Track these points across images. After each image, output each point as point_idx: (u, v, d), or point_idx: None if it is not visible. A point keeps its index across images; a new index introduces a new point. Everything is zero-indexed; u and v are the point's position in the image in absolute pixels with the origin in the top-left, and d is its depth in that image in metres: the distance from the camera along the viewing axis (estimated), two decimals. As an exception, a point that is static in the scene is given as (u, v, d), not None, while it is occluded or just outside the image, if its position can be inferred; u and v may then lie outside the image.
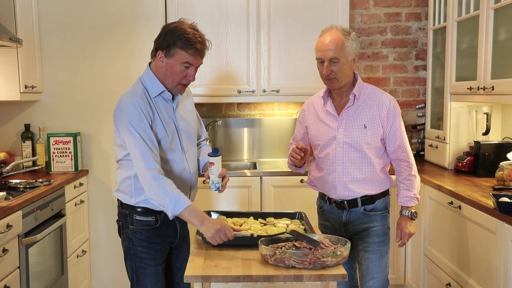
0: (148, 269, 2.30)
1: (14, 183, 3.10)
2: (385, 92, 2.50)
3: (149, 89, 2.25)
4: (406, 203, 2.48)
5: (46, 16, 3.52)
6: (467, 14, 3.24)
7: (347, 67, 2.36)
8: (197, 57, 2.20)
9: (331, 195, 2.48)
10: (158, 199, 2.11)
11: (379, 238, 2.47)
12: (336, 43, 2.32)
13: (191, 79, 2.24)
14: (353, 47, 2.36)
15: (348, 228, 2.49)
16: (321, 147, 2.48)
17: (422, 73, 4.19)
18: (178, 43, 2.14)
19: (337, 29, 2.36)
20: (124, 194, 2.32)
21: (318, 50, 2.37)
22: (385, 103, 2.42)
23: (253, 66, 3.78)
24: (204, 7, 3.73)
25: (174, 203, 2.08)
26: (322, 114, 2.49)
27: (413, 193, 2.47)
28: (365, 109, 2.42)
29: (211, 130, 4.14)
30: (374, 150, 2.42)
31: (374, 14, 4.15)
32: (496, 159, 3.16)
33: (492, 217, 2.44)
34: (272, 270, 1.84)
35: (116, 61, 3.57)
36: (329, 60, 2.32)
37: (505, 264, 2.35)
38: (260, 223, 2.34)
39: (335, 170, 2.44)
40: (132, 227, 2.31)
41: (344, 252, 1.91)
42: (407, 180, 2.47)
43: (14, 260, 2.57)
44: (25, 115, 3.59)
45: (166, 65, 2.20)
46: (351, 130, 2.41)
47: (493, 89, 2.89)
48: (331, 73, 2.34)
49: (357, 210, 2.46)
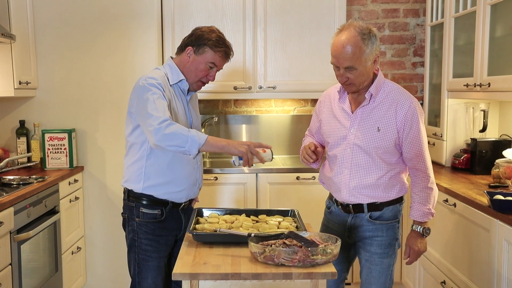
0: (150, 262, 2.37)
1: (8, 179, 3.09)
2: (407, 92, 2.24)
3: (169, 76, 2.37)
4: (419, 218, 2.26)
5: (41, 11, 3.50)
6: (464, 10, 3.21)
7: (365, 73, 2.14)
8: (223, 60, 2.37)
9: (337, 197, 2.34)
10: (178, 138, 2.08)
11: (382, 250, 2.29)
12: (353, 51, 2.08)
13: (211, 79, 2.41)
14: (373, 49, 2.12)
15: (351, 234, 2.33)
16: (331, 145, 2.32)
17: (420, 69, 4.16)
18: (209, 43, 2.31)
19: (354, 30, 2.09)
20: (132, 181, 2.37)
21: (332, 55, 2.15)
22: (404, 105, 2.17)
23: (250, 62, 3.76)
24: (200, 3, 3.70)
25: (197, 134, 2.10)
26: (337, 109, 2.31)
27: (427, 207, 2.24)
28: (382, 110, 2.20)
29: (208, 126, 4.13)
30: (386, 155, 2.21)
31: (372, 10, 4.12)
32: (492, 157, 3.15)
33: (486, 214, 2.42)
34: (261, 268, 1.82)
35: (111, 57, 3.55)
36: (345, 68, 2.13)
37: (499, 262, 2.33)
38: (252, 220, 2.32)
39: (342, 173, 2.27)
40: (138, 220, 2.37)
41: (334, 250, 1.89)
42: (422, 192, 2.24)
43: (5, 257, 2.56)
44: (20, 111, 3.58)
45: (193, 61, 2.34)
46: (363, 132, 2.21)
47: (489, 85, 2.87)
48: (347, 80, 2.16)
49: (362, 216, 2.28)
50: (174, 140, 2.08)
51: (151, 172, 2.34)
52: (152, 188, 2.35)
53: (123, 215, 2.45)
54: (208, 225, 2.20)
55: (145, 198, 2.36)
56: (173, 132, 2.08)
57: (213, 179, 3.55)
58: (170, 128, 2.09)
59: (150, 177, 2.34)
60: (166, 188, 2.35)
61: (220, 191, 3.61)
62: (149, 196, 2.36)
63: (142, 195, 2.36)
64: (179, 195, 2.39)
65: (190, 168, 2.40)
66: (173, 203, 2.39)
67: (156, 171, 2.34)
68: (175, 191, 2.37)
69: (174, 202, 2.39)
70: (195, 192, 2.49)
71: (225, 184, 3.59)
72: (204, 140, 2.10)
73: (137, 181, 2.36)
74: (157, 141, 2.11)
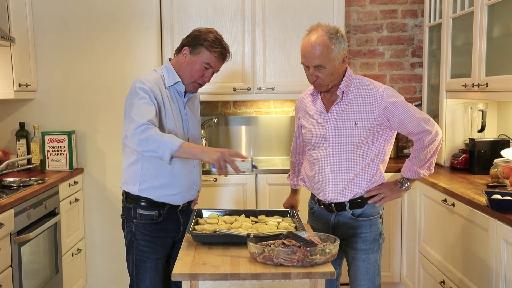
0: (148, 263, 2.36)
1: (8, 181, 3.10)
2: (376, 84, 2.31)
3: (165, 78, 2.37)
4: (404, 173, 2.37)
5: (41, 14, 3.51)
6: (461, 10, 3.23)
7: (334, 71, 2.23)
8: (218, 61, 2.34)
9: (319, 196, 2.41)
10: (152, 142, 2.09)
11: (368, 246, 2.36)
12: (321, 50, 2.17)
13: (206, 80, 2.38)
14: (341, 49, 2.20)
15: (336, 232, 2.38)
16: (311, 145, 2.41)
17: (419, 70, 4.17)
18: (205, 43, 2.29)
19: (322, 30, 2.19)
20: (128, 183, 2.37)
21: (302, 55, 2.24)
22: (377, 97, 2.25)
23: (248, 64, 3.77)
24: (199, 5, 3.72)
25: (171, 139, 2.09)
26: (312, 111, 2.41)
27: (417, 168, 2.33)
28: (356, 104, 2.28)
29: (207, 128, 4.14)
30: (365, 149, 2.29)
31: (370, 11, 4.13)
32: (491, 156, 3.16)
33: (485, 214, 2.43)
34: (260, 268, 1.83)
35: (110, 59, 3.57)
36: (314, 67, 2.21)
37: (497, 261, 2.34)
38: (251, 221, 2.33)
39: (324, 171, 2.34)
40: (136, 221, 2.37)
41: (333, 250, 1.90)
42: (420, 151, 2.31)
43: (6, 258, 2.57)
44: (19, 113, 3.59)
45: (189, 61, 2.33)
46: (341, 128, 2.29)
47: (487, 86, 2.88)
48: (317, 79, 2.24)
49: (345, 214, 2.36)
50: (148, 145, 2.10)
51: (147, 175, 2.33)
52: (148, 190, 2.34)
53: (122, 216, 2.46)
54: (207, 225, 2.21)
55: (143, 199, 2.35)
56: (148, 137, 2.09)
57: (212, 180, 3.55)
58: (146, 133, 2.10)
59: (146, 179, 2.33)
60: (162, 191, 2.34)
61: (220, 192, 3.62)
62: (146, 198, 2.35)
63: (139, 197, 2.35)
64: (175, 197, 2.38)
65: (186, 171, 2.40)
66: (171, 204, 2.39)
67: (152, 174, 2.33)
68: (171, 193, 2.36)
69: (171, 204, 2.39)
70: (193, 194, 2.48)
71: (224, 185, 3.60)
72: (178, 146, 2.08)
73: (133, 183, 2.35)
74: (134, 146, 2.14)
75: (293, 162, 2.73)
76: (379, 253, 2.41)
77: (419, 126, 2.26)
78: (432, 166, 2.38)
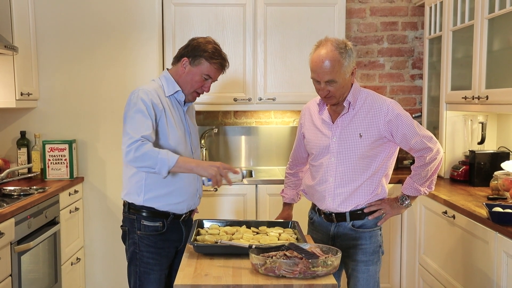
0: (152, 275, 2.36)
1: (8, 190, 3.10)
2: (382, 97, 2.34)
3: (165, 88, 2.38)
4: (405, 190, 2.38)
5: (43, 23, 3.53)
6: (462, 23, 3.25)
7: (344, 85, 2.24)
8: (218, 72, 2.38)
9: (320, 205, 2.41)
10: (148, 159, 2.13)
11: (367, 257, 2.36)
12: (332, 66, 2.17)
13: (206, 90, 2.42)
14: (350, 62, 2.22)
15: (335, 243, 2.38)
16: (315, 156, 2.42)
17: (419, 82, 4.19)
18: (205, 55, 2.32)
19: (331, 45, 2.19)
20: (132, 193, 2.36)
21: (312, 70, 2.23)
22: (382, 110, 2.27)
23: (250, 74, 3.79)
24: (201, 16, 3.74)
25: (167, 156, 2.13)
26: (318, 121, 2.41)
27: (417, 186, 2.34)
28: (361, 116, 2.30)
29: (208, 138, 4.15)
30: (368, 161, 2.30)
31: (371, 23, 4.16)
32: (491, 169, 3.17)
33: (485, 227, 2.44)
34: (262, 280, 1.83)
35: (112, 69, 3.58)
36: (325, 82, 2.21)
37: (498, 274, 2.34)
38: (253, 232, 2.33)
39: (326, 181, 2.35)
40: (140, 233, 2.35)
41: (335, 261, 1.90)
42: (421, 169, 2.31)
43: (6, 267, 2.56)
44: (21, 122, 3.60)
45: (189, 72, 2.35)
46: (346, 140, 2.31)
47: (487, 98, 2.90)
48: (328, 93, 2.24)
49: (345, 225, 2.36)
50: (144, 162, 2.14)
51: (152, 184, 2.33)
52: (153, 200, 2.34)
53: (123, 227, 2.43)
54: (209, 236, 2.21)
55: (146, 210, 2.35)
56: (143, 154, 2.12)
57: (212, 190, 3.56)
58: (141, 149, 2.13)
59: (151, 189, 2.33)
60: (167, 199, 2.35)
61: (220, 202, 3.62)
62: (150, 208, 2.35)
63: (142, 207, 2.35)
64: (180, 206, 2.39)
65: (190, 178, 2.40)
66: (174, 214, 2.39)
67: (157, 183, 2.33)
68: (176, 202, 2.37)
69: (175, 214, 2.39)
70: (195, 202, 2.49)
71: (224, 195, 3.60)
72: (174, 162, 2.13)
73: (137, 193, 2.35)
74: (128, 162, 2.17)
75: (290, 175, 2.71)
76: (378, 265, 2.42)
77: (421, 143, 2.27)
78: (432, 185, 2.38)
